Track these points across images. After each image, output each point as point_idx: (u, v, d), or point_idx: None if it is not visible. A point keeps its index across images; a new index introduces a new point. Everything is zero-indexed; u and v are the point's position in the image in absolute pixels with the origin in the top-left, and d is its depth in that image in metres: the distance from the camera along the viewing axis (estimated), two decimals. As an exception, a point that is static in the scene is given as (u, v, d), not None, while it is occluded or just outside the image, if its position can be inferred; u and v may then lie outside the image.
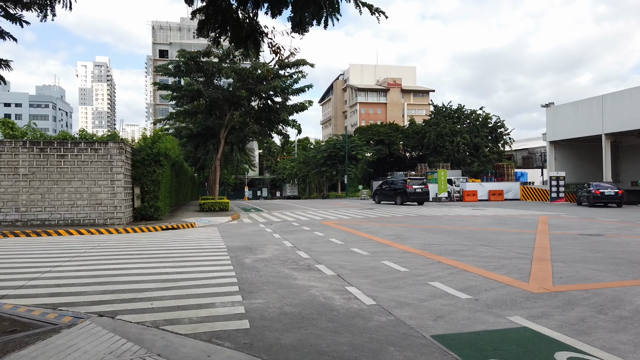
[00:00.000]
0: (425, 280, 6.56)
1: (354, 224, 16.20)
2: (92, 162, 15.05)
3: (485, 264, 7.85)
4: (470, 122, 61.48)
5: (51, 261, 8.57)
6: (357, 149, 57.57)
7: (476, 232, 12.80)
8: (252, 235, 12.91)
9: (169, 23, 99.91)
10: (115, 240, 11.94)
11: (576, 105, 33.63)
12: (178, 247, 10.50)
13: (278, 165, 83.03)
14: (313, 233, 13.22)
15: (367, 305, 5.34)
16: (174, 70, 21.73)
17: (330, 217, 19.36)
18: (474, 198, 34.70)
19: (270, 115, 23.20)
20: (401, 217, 19.16)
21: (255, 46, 4.26)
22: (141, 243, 11.38)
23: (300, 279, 6.80)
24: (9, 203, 14.49)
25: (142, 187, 16.99)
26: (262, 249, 10.04)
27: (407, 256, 8.76)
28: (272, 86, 20.85)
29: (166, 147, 16.95)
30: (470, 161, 58.93)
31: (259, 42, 4.28)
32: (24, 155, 14.61)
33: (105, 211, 15.09)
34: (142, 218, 17.04)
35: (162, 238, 12.47)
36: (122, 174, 15.24)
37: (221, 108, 22.89)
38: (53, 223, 14.79)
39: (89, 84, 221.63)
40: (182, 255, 9.31)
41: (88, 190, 15.01)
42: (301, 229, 14.45)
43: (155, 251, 9.90)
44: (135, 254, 9.55)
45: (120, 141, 15.37)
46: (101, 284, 6.59)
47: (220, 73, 21.44)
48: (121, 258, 8.97)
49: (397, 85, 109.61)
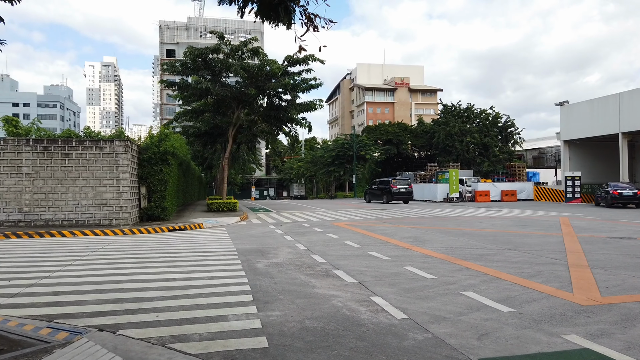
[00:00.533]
0: (456, 290, 5.96)
1: (366, 225, 15.61)
2: (97, 160, 14.57)
3: (518, 270, 7.24)
4: (479, 122, 60.63)
5: (51, 265, 8.07)
6: (366, 148, 56.91)
7: (498, 235, 12.16)
8: (262, 237, 12.37)
9: (176, 22, 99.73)
10: (120, 242, 11.44)
11: (592, 104, 32.78)
12: (186, 250, 9.97)
13: (285, 165, 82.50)
14: (326, 235, 12.65)
15: (399, 319, 4.75)
16: (182, 68, 21.24)
17: (342, 218, 18.78)
18: (487, 198, 33.96)
19: (279, 113, 22.63)
20: (415, 218, 18.54)
21: (287, 14, 3.69)
22: (147, 245, 10.87)
23: (319, 287, 6.23)
24: (11, 203, 14.04)
25: (148, 187, 16.50)
26: (274, 253, 9.48)
27: (431, 261, 8.16)
28: (282, 83, 20.27)
29: (173, 145, 16.45)
30: (480, 161, 58.09)
31: (290, 10, 3.71)
32: (27, 154, 14.16)
33: (111, 211, 14.61)
34: (149, 218, 16.56)
35: (169, 240, 11.96)
36: (128, 173, 14.75)
37: (229, 106, 22.37)
38: (57, 223, 14.33)
39: (97, 84, 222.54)
40: (190, 258, 8.78)
41: (93, 189, 14.54)
42: (313, 231, 13.89)
43: (161, 254, 9.37)
44: (140, 257, 9.03)
45: (126, 139, 14.89)
46: (103, 291, 6.06)
47: (228, 70, 20.91)
48: (125, 262, 8.44)
49: (404, 84, 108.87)
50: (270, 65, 20.08)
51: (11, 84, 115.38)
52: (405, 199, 31.89)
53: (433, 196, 35.33)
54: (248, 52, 21.55)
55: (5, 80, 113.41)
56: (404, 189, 31.45)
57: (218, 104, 22.42)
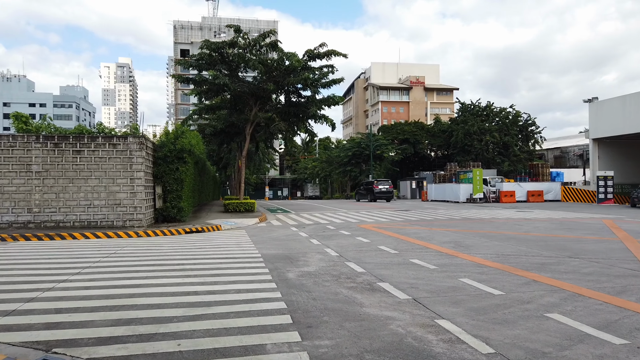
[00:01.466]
0: (537, 311, 4.90)
1: (396, 227, 14.56)
2: (110, 158, 13.76)
3: (597, 284, 6.15)
4: (499, 120, 59.09)
5: (58, 274, 7.19)
6: (383, 147, 55.69)
7: (548, 240, 11.01)
8: (286, 241, 11.40)
9: (191, 22, 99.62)
10: (134, 246, 10.58)
11: (623, 100, 31.19)
12: (206, 256, 9.04)
13: (299, 164, 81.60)
14: (355, 239, 11.63)
15: (485, 354, 3.72)
16: (197, 62, 20.36)
17: (366, 220, 17.74)
18: (512, 199, 32.60)
19: (299, 110, 21.62)
20: (445, 220, 17.42)
21: None
22: (163, 250, 9.98)
23: (368, 305, 5.22)
24: (20, 203, 13.29)
25: (164, 186, 15.66)
26: (304, 259, 8.50)
27: (488, 271, 7.10)
28: (301, 78, 19.26)
29: (190, 142, 15.58)
30: (500, 161, 56.57)
31: None
32: (37, 151, 13.40)
33: (125, 212, 13.79)
34: (164, 219, 15.73)
35: (187, 243, 11.07)
36: (142, 172, 13.91)
37: (246, 103, 21.44)
38: (68, 225, 13.54)
39: (112, 84, 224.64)
40: (212, 266, 7.84)
41: (106, 189, 13.73)
42: (340, 234, 12.88)
43: (179, 261, 8.45)
44: (156, 264, 8.12)
45: (140, 136, 14.06)
46: (113, 308, 5.13)
47: (246, 65, 19.96)
48: (140, 270, 7.53)
49: (420, 83, 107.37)
50: (289, 59, 19.09)
51: (28, 85, 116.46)
52: (387, 197, 36.78)
53: (455, 196, 34.08)
54: (266, 46, 20.60)
55: (22, 81, 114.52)
56: (385, 189, 36.52)
57: (235, 100, 21.50)
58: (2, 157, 13.20)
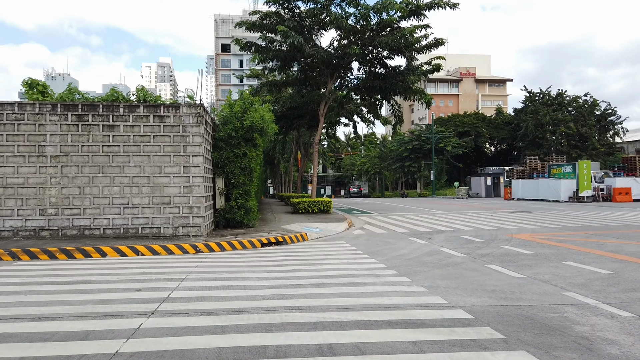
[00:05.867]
0: None
1: (565, 238, 9.65)
2: (156, 137, 9.52)
3: None
4: (572, 110, 52.65)
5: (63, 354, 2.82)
6: (445, 140, 50.26)
7: None
8: (446, 267, 6.75)
9: (232, 16, 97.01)
10: (197, 275, 6.19)
11: None
12: (327, 305, 4.47)
13: (344, 161, 76.92)
14: (561, 262, 6.85)
15: None
16: (261, 22, 15.89)
17: (507, 227, 12.86)
18: (628, 197, 26.81)
19: (386, 84, 16.78)
20: (618, 226, 12.34)
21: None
22: (250, 283, 5.51)
23: None
24: (30, 201, 9.22)
25: (226, 178, 11.36)
26: (567, 326, 3.82)
27: None
28: (402, 34, 14.42)
29: (263, 117, 11.17)
30: (577, 155, 50.08)
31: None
32: (53, 126, 9.29)
33: (176, 215, 9.52)
34: (227, 224, 11.43)
35: (277, 266, 6.62)
36: (201, 156, 9.61)
37: (320, 75, 16.91)
38: (96, 233, 9.39)
39: (153, 84, 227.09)
40: (361, 339, 3.26)
41: (150, 181, 9.50)
42: (514, 251, 8.11)
43: (287, 311, 3.92)
44: (248, 326, 3.61)
45: (198, 105, 9.72)
46: None
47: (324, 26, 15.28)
48: (221, 347, 3.06)
49: (470, 75, 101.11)
50: (386, 10, 14.14)
51: (72, 83, 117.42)
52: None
53: (554, 195, 28.53)
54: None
55: (66, 79, 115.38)
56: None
57: (306, 73, 17.00)
58: (4, 135, 9.18)
